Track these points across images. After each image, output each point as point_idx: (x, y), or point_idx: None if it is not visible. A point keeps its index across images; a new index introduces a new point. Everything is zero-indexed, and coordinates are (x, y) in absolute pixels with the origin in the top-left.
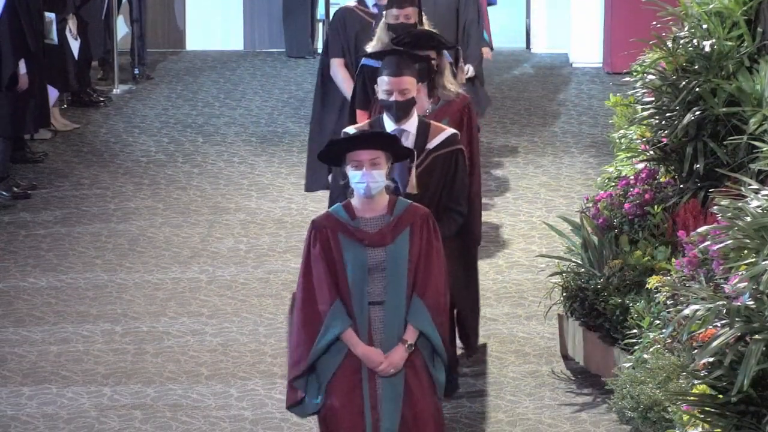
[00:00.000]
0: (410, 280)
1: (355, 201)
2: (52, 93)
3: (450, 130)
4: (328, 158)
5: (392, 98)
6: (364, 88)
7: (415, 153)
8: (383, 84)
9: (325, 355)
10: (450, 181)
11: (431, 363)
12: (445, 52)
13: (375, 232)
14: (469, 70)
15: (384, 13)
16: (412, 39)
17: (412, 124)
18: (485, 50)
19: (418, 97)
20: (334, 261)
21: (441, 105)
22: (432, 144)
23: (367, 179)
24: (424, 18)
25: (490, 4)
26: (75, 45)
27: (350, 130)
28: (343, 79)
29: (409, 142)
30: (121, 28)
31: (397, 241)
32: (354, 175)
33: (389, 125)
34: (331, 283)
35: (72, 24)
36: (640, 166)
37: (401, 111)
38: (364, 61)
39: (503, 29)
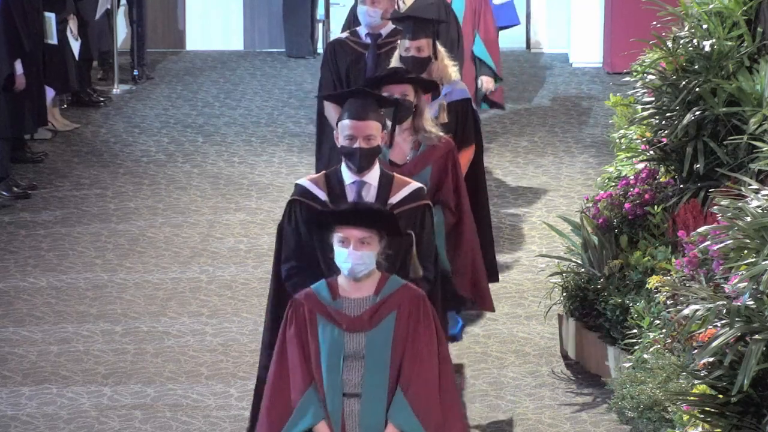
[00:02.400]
0: (393, 371)
1: (340, 278)
2: (49, 92)
3: (415, 184)
4: (316, 226)
5: (355, 145)
6: None
7: (414, 237)
8: (345, 129)
9: None
10: (416, 240)
11: None
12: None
13: (355, 316)
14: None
15: (398, 43)
16: (387, 73)
17: (373, 176)
18: (486, 79)
19: (398, 142)
20: (309, 344)
21: (423, 150)
22: (395, 199)
23: (353, 260)
24: (442, 50)
25: (510, 26)
26: (76, 45)
27: (303, 182)
28: (336, 119)
29: (370, 196)
30: (121, 28)
31: (379, 326)
32: (339, 253)
33: (348, 176)
34: (304, 369)
35: (73, 24)
36: (640, 166)
37: (365, 160)
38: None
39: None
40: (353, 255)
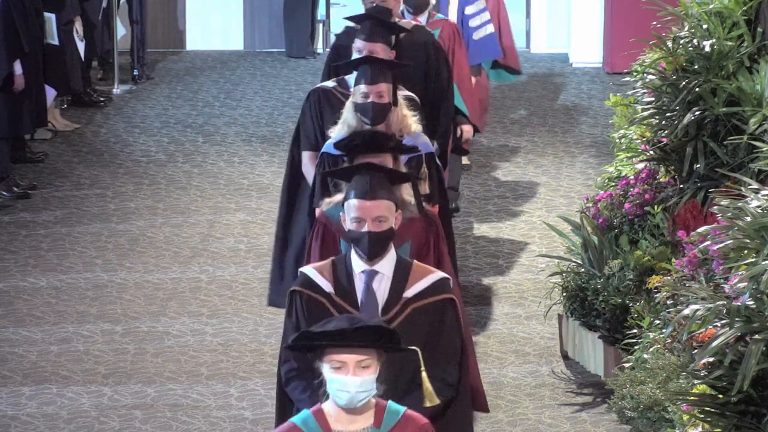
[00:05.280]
0: None
1: (329, 406)
2: (50, 92)
3: (438, 274)
4: (302, 350)
5: (364, 228)
6: (325, 185)
7: (420, 353)
8: (351, 210)
9: None
10: (434, 340)
11: None
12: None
13: None
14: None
15: (352, 90)
16: (363, 141)
17: (387, 265)
18: (466, 128)
19: None
20: None
21: (401, 223)
22: (411, 291)
23: (353, 388)
24: (401, 96)
25: (493, 59)
26: (81, 46)
27: (307, 270)
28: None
29: (382, 288)
30: (121, 28)
31: None
32: (334, 380)
33: (357, 264)
34: None
35: (78, 25)
36: (640, 166)
37: (375, 246)
38: (325, 148)
39: None
40: (352, 382)
